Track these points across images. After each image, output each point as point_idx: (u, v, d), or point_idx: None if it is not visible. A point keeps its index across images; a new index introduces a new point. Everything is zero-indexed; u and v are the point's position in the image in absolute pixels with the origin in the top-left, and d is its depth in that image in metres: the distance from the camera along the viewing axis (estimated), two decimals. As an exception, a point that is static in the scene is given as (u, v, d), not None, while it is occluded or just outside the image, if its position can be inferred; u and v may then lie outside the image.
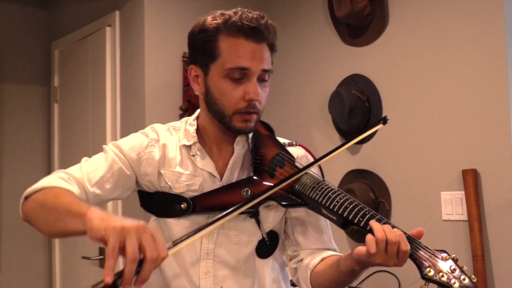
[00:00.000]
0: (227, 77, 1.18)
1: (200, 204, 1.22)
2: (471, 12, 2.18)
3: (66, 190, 1.16)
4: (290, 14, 3.00)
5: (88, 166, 1.25)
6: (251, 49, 1.17)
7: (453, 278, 0.93)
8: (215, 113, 1.22)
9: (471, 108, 2.18)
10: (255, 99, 1.18)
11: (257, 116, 1.22)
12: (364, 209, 1.06)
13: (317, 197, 1.11)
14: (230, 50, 1.17)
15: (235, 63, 1.16)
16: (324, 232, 1.30)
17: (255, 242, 1.25)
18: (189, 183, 1.24)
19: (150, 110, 2.71)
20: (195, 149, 1.27)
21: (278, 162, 1.22)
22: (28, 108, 3.46)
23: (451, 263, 0.96)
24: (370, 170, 2.54)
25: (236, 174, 1.26)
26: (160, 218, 1.27)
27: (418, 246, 1.00)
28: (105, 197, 1.25)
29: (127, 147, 1.28)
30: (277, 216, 1.27)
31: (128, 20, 2.84)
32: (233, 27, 1.17)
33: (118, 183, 1.26)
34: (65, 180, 1.20)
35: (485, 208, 2.12)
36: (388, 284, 2.40)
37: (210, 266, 1.22)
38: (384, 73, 2.51)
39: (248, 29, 1.16)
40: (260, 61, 1.18)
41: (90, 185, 1.22)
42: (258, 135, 1.30)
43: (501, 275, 2.07)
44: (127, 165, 1.27)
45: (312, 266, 1.24)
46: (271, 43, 1.22)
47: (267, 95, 1.25)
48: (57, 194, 1.13)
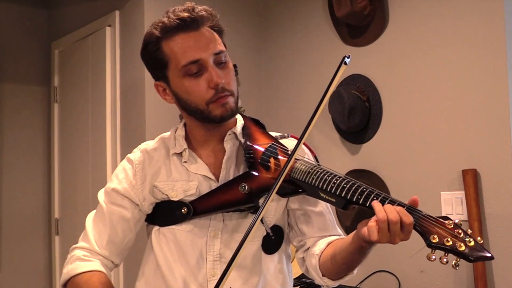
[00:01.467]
0: (185, 76, 1.18)
1: (200, 207, 1.22)
2: (471, 12, 2.18)
3: (89, 273, 1.21)
4: (290, 14, 3.00)
5: (93, 232, 1.28)
6: (194, 39, 1.18)
7: (458, 241, 0.92)
8: (193, 113, 1.23)
9: (471, 108, 2.18)
10: (219, 82, 1.17)
11: (233, 98, 1.22)
12: (362, 187, 1.05)
13: (314, 181, 1.11)
14: (176, 50, 1.18)
15: (185, 59, 1.17)
16: (327, 218, 1.30)
17: (260, 239, 1.25)
18: (185, 189, 1.24)
19: (150, 110, 2.71)
20: (186, 156, 1.27)
21: (271, 153, 1.21)
22: (28, 108, 3.46)
23: (456, 228, 0.94)
24: (370, 170, 2.54)
25: (231, 172, 1.26)
26: (163, 227, 1.27)
27: (420, 216, 0.99)
28: (121, 247, 1.29)
29: (117, 184, 1.30)
30: (279, 209, 1.27)
31: (128, 20, 2.84)
32: (168, 29, 1.18)
33: (125, 230, 1.28)
34: (82, 260, 1.24)
35: (485, 208, 2.12)
36: (388, 284, 2.40)
37: (217, 268, 1.22)
38: (384, 73, 2.51)
39: (181, 23, 1.17)
40: (207, 46, 1.18)
41: (102, 250, 1.26)
42: (248, 130, 1.29)
43: (501, 275, 2.07)
44: (126, 203, 1.28)
45: (319, 252, 1.24)
46: (212, 25, 1.22)
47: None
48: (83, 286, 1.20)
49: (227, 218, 1.23)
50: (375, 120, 2.52)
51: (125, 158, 1.35)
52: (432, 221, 0.97)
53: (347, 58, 1.13)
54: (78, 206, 3.16)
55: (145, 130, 2.70)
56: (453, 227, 0.94)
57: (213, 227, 1.23)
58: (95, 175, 3.01)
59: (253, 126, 1.32)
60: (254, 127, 1.32)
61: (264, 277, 1.25)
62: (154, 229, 1.29)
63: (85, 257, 1.25)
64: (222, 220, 1.23)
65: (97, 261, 1.25)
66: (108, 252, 1.27)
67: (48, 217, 3.44)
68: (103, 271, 1.23)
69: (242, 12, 3.12)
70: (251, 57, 3.11)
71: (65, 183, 3.33)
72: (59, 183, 3.38)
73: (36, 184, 3.46)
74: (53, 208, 3.39)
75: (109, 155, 2.89)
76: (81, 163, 3.15)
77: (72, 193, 3.25)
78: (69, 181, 3.29)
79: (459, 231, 0.94)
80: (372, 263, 2.45)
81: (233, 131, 1.28)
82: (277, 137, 1.32)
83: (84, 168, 3.11)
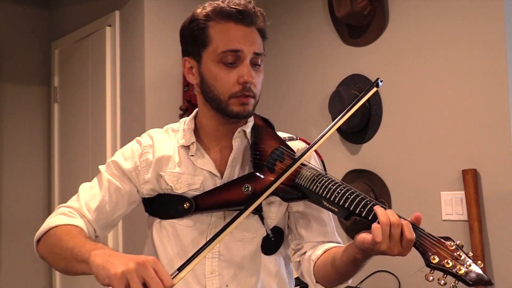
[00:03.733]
0: (220, 62, 1.18)
1: (202, 203, 1.22)
2: (471, 12, 2.18)
3: (70, 226, 1.19)
4: (290, 14, 3.00)
5: (85, 195, 1.28)
6: (242, 33, 1.18)
7: (458, 264, 0.91)
8: (211, 101, 1.22)
9: (471, 108, 2.18)
10: (249, 81, 1.17)
11: (254, 100, 1.21)
12: (366, 199, 1.04)
13: (318, 189, 1.10)
14: (221, 35, 1.18)
15: (226, 46, 1.17)
16: (327, 224, 1.29)
17: (259, 239, 1.24)
18: (190, 183, 1.24)
19: (150, 110, 2.71)
20: (193, 149, 1.27)
21: (278, 157, 1.21)
22: (28, 108, 3.46)
23: (456, 250, 0.94)
24: (370, 170, 2.54)
25: (237, 171, 1.26)
26: (164, 220, 1.27)
27: (422, 234, 0.98)
28: (108, 219, 1.27)
29: (122, 160, 1.30)
30: (280, 211, 1.27)
31: (128, 20, 2.84)
32: (222, 13, 1.18)
33: (118, 202, 1.28)
34: (66, 215, 1.23)
35: (485, 208, 2.12)
36: (388, 284, 2.40)
37: (215, 265, 1.22)
38: (384, 73, 2.51)
39: (236, 13, 1.17)
40: (252, 44, 1.18)
41: (90, 213, 1.24)
42: (257, 130, 1.29)
43: (501, 275, 2.07)
44: (125, 179, 1.28)
45: (315, 258, 1.23)
46: (261, 28, 1.23)
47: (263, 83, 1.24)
48: (61, 236, 1.16)
49: (228, 216, 1.23)
50: (375, 120, 2.52)
51: (133, 139, 1.36)
52: (434, 241, 0.97)
53: (380, 81, 1.14)
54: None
55: (145, 129, 2.66)
56: (454, 249, 0.94)
57: (214, 224, 1.23)
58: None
59: (262, 126, 1.32)
60: (263, 127, 1.31)
61: (263, 278, 1.25)
62: (155, 222, 1.29)
63: (70, 213, 1.23)
64: (223, 217, 1.23)
65: (81, 220, 1.22)
66: (94, 217, 1.24)
67: (48, 217, 3.44)
68: (84, 229, 1.20)
69: (242, 12, 3.12)
70: (251, 57, 3.11)
71: (65, 183, 3.33)
72: (59, 183, 3.38)
73: (36, 184, 3.46)
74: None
75: (109, 155, 2.89)
76: (81, 163, 3.15)
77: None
78: (69, 181, 3.29)
79: (460, 253, 0.93)
80: (372, 263, 2.43)
81: (243, 129, 1.28)
82: (285, 138, 1.31)
83: (84, 168, 3.11)
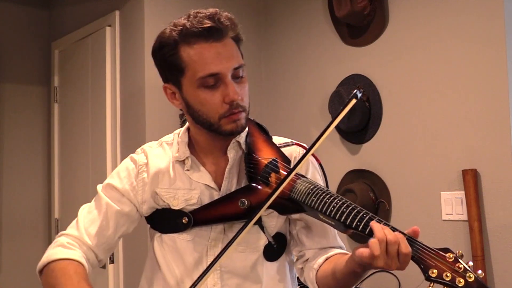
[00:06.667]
0: (201, 87, 1.14)
1: (200, 217, 1.21)
2: (471, 12, 2.18)
3: (68, 262, 1.18)
4: (290, 14, 3.00)
5: (84, 220, 1.26)
6: (215, 51, 1.13)
7: (458, 277, 0.91)
8: (202, 123, 1.20)
9: (471, 108, 2.18)
10: (235, 99, 1.14)
11: (245, 113, 1.19)
12: (362, 212, 1.03)
13: (313, 203, 1.09)
14: (195, 59, 1.13)
15: (204, 71, 1.13)
16: (328, 230, 1.28)
17: (261, 248, 1.23)
18: (187, 198, 1.23)
19: (150, 110, 2.71)
20: (188, 164, 1.25)
21: (271, 170, 1.19)
22: (28, 108, 3.46)
23: (456, 262, 0.93)
24: (370, 170, 2.54)
25: (234, 182, 1.25)
26: (164, 234, 1.26)
27: (420, 247, 0.97)
28: (110, 242, 1.27)
29: (119, 182, 1.28)
30: (280, 220, 1.26)
31: (128, 20, 2.84)
32: (189, 35, 1.13)
33: (119, 224, 1.27)
34: (65, 247, 1.21)
35: (485, 208, 2.12)
36: (388, 284, 2.40)
37: (217, 277, 1.21)
38: (384, 73, 2.51)
39: (204, 31, 1.13)
40: (229, 60, 1.14)
41: (90, 239, 1.23)
42: (251, 139, 1.27)
43: (501, 275, 2.07)
44: (124, 200, 1.27)
45: (317, 266, 1.23)
46: (233, 35, 1.19)
47: (249, 90, 1.21)
48: (57, 276, 1.16)
49: (228, 229, 1.22)
50: (375, 120, 2.52)
51: (128, 157, 1.33)
52: (432, 254, 0.96)
53: (359, 92, 1.08)
54: (78, 206, 3.11)
55: (145, 130, 2.70)
56: (453, 261, 0.93)
57: (214, 237, 1.22)
58: (95, 175, 3.00)
59: (256, 134, 1.29)
60: (257, 135, 1.29)
61: (266, 285, 1.24)
62: (156, 235, 1.29)
63: (68, 245, 1.22)
64: (223, 230, 1.22)
65: (79, 251, 1.22)
66: (95, 242, 1.24)
67: (48, 217, 3.44)
68: (82, 262, 1.19)
69: (242, 12, 3.12)
70: (251, 57, 3.11)
71: (65, 183, 3.33)
72: (59, 183, 3.38)
73: (36, 184, 3.46)
74: (53, 208, 3.39)
75: (109, 155, 2.89)
76: (81, 163, 3.15)
77: (72, 193, 3.25)
78: (69, 181, 3.29)
79: (459, 265, 0.93)
80: (372, 263, 2.44)
81: (237, 139, 1.26)
82: (280, 145, 1.29)
83: (84, 168, 3.11)
